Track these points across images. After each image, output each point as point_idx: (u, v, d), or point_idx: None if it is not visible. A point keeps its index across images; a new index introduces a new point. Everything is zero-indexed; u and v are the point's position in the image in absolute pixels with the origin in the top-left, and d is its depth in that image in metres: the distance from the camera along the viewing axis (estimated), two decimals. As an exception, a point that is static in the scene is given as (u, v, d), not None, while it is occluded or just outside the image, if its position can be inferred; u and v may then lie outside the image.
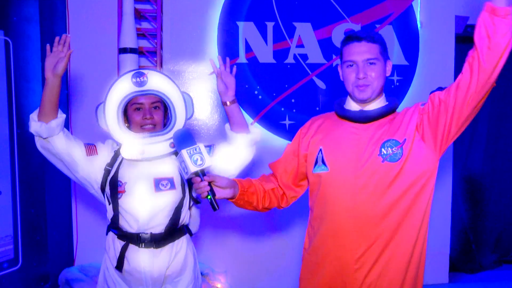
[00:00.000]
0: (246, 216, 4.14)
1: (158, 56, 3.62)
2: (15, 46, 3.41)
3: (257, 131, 2.25)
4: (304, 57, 4.16)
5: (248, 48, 4.07)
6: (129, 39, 3.27)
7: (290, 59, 4.14)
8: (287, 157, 2.10)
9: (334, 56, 4.19)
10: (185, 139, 1.76)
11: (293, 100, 4.17)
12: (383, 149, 1.78)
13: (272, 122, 4.15)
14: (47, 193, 3.73)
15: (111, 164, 2.10)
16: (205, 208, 2.14)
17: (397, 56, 4.23)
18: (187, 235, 2.19)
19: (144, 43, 3.80)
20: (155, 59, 3.68)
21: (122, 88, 2.03)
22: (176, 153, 1.96)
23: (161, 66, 3.65)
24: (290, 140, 3.98)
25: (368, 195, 1.77)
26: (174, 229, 2.10)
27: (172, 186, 2.07)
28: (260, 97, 4.11)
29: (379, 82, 1.86)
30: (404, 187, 1.76)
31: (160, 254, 2.07)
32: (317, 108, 4.18)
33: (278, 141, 4.14)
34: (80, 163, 2.08)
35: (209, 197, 1.69)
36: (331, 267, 1.84)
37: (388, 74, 1.93)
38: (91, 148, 2.11)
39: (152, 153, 2.03)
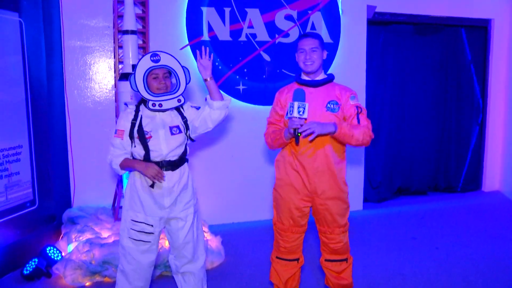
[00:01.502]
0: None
1: (147, 35, 4.49)
2: (26, 26, 4.09)
3: (228, 98, 3.03)
4: (254, 36, 5.14)
5: (210, 28, 4.97)
6: (130, 23, 4.05)
7: (243, 37, 5.10)
8: (275, 113, 3.06)
9: (276, 35, 5.19)
10: (300, 96, 2.74)
11: (245, 70, 5.15)
12: (328, 105, 2.87)
13: (229, 87, 5.12)
14: (51, 147, 4.44)
15: (134, 119, 2.90)
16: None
17: (324, 35, 5.33)
18: (187, 162, 3.08)
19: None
20: (144, 39, 4.55)
21: (145, 64, 2.80)
22: (180, 107, 2.90)
23: (149, 43, 4.51)
24: (244, 101, 5.12)
25: None
26: (182, 158, 2.96)
27: (180, 131, 2.92)
28: (220, 67, 5.06)
29: (318, 62, 2.89)
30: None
31: (174, 174, 2.90)
32: (264, 76, 5.21)
33: (235, 103, 5.08)
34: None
35: (299, 134, 2.69)
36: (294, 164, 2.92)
37: (324, 58, 2.96)
38: (119, 133, 2.87)
39: (167, 105, 2.84)
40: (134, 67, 4.01)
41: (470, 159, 6.74)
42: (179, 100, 2.83)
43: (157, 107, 2.81)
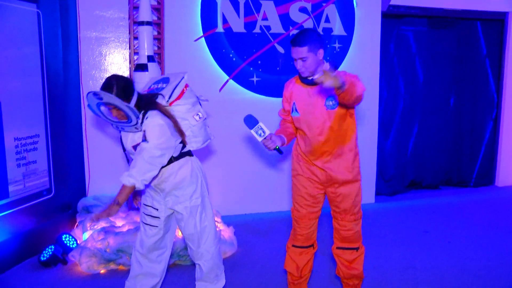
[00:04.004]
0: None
1: (162, 26, 4.52)
2: (43, 17, 4.14)
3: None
4: (268, 28, 5.15)
5: (224, 20, 5.00)
6: (146, 14, 4.08)
7: (257, 29, 5.12)
8: (283, 108, 3.12)
9: (291, 28, 5.21)
10: (251, 122, 2.81)
11: (259, 62, 5.19)
12: (327, 102, 2.85)
13: (243, 79, 5.15)
14: (67, 137, 4.51)
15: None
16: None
17: (338, 28, 5.36)
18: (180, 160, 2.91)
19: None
20: (159, 30, 4.59)
21: (92, 101, 2.67)
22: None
23: (164, 34, 4.56)
24: (258, 93, 5.15)
25: (319, 125, 2.87)
26: None
27: None
28: (234, 59, 5.09)
29: (311, 67, 2.82)
30: (337, 120, 2.86)
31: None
32: (278, 68, 5.24)
33: (248, 94, 5.19)
34: None
35: (277, 147, 2.80)
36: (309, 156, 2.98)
37: (320, 58, 2.78)
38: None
39: (128, 130, 2.70)
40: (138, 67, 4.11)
41: (483, 154, 6.70)
42: (136, 128, 2.70)
43: (120, 129, 2.79)
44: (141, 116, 2.67)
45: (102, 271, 3.76)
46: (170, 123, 2.71)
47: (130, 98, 2.64)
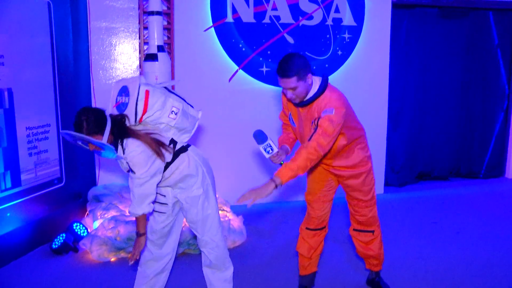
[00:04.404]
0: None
1: (172, 16, 4.53)
2: (54, 7, 4.16)
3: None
4: (278, 18, 5.14)
5: (234, 10, 4.99)
6: (156, 4, 4.06)
7: (266, 20, 5.11)
8: (282, 112, 3.13)
9: (300, 18, 5.19)
10: (260, 138, 2.80)
11: (269, 52, 5.18)
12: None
13: (252, 69, 5.15)
14: None
15: None
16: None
17: (348, 18, 5.33)
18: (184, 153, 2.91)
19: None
20: (168, 20, 4.60)
21: (68, 138, 2.65)
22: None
23: (173, 24, 4.56)
24: (267, 84, 5.16)
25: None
26: None
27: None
28: (243, 49, 5.09)
29: (301, 94, 2.74)
30: None
31: None
32: (287, 59, 5.24)
33: (258, 84, 5.20)
34: None
35: (282, 163, 2.79)
36: None
37: (309, 83, 2.67)
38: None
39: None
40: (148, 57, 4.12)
41: (493, 145, 6.66)
42: (118, 157, 2.67)
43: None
44: (119, 145, 2.62)
45: (112, 259, 3.81)
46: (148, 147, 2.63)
47: (103, 130, 2.56)
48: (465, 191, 5.99)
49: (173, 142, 2.77)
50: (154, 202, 2.83)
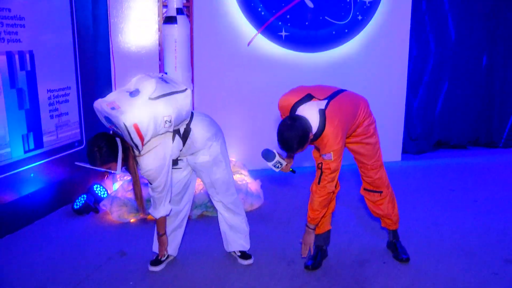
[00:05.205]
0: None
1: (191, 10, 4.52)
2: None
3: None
4: (298, -19, 5.06)
5: (253, -27, 4.93)
6: None
7: (286, -17, 5.03)
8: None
9: (321, -18, 5.11)
10: (269, 157, 2.90)
11: (288, 16, 5.10)
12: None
13: (272, 33, 5.10)
14: (97, 90, 4.54)
15: None
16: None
17: (369, -18, 5.24)
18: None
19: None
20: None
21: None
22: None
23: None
24: (286, 48, 5.07)
25: None
26: None
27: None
28: (262, 13, 5.02)
29: (304, 148, 2.78)
30: None
31: None
32: (306, 23, 5.15)
33: (277, 49, 5.16)
34: None
35: (293, 171, 3.03)
36: None
37: (311, 137, 2.73)
38: None
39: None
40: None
41: (515, 114, 6.56)
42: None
43: None
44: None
45: (132, 220, 3.90)
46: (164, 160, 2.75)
47: (116, 157, 2.68)
48: (483, 160, 5.95)
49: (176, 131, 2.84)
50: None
